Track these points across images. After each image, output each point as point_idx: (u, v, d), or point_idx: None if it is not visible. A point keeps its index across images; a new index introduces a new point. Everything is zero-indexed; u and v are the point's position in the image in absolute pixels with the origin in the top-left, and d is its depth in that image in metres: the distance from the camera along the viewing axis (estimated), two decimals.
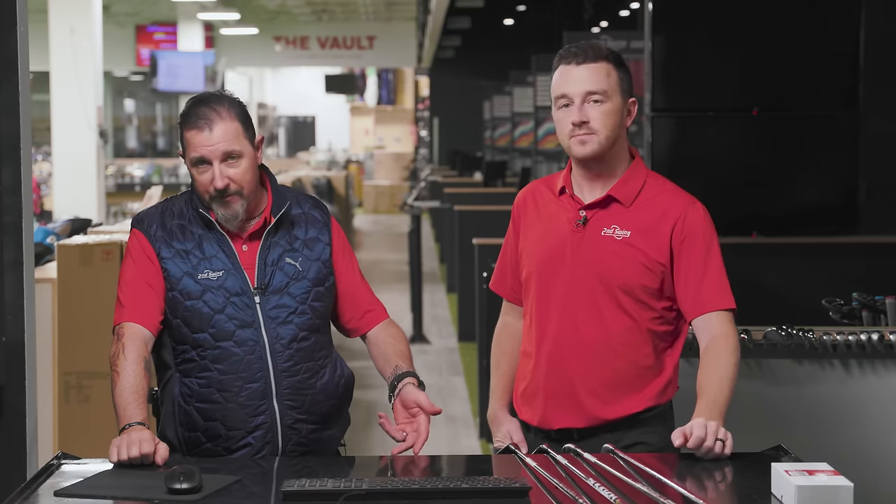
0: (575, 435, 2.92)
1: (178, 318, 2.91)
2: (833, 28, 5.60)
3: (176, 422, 2.91)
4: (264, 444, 2.89)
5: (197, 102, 2.94)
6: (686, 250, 2.90)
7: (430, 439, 2.87)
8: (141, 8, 19.58)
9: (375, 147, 28.01)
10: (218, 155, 2.88)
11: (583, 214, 2.94)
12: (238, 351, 2.88)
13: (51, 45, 10.39)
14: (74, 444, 4.16)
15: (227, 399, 2.88)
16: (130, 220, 3.33)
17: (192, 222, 2.96)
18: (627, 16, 14.32)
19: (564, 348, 2.93)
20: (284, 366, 2.90)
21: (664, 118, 5.58)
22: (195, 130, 2.89)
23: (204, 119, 2.89)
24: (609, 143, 2.90)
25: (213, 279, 2.90)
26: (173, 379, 2.94)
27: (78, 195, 10.30)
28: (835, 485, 2.30)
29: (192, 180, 2.95)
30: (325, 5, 20.14)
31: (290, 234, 2.99)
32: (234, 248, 2.94)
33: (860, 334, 3.82)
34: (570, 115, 2.89)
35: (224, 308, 2.89)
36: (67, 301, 4.69)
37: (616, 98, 2.89)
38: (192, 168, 2.92)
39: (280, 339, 2.90)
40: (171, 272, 2.91)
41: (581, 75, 2.89)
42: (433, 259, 15.34)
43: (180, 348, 2.92)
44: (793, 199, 5.66)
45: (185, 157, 2.93)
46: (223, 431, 2.88)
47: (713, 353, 2.83)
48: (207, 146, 2.88)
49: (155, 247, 2.94)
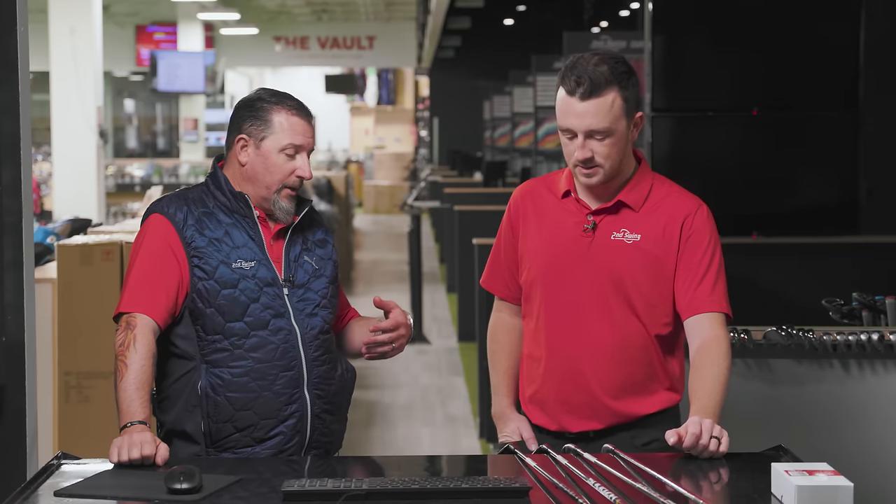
0: (591, 435, 2.93)
1: (212, 307, 2.89)
2: (833, 28, 5.60)
3: (204, 413, 2.89)
4: (295, 433, 2.91)
5: (284, 94, 2.99)
6: (689, 249, 2.90)
7: (430, 439, 2.87)
8: (141, 8, 19.57)
9: (375, 147, 28.02)
10: (311, 146, 2.96)
11: (591, 219, 2.93)
12: (274, 339, 2.90)
13: (51, 45, 10.38)
14: (74, 444, 4.17)
15: (263, 388, 2.89)
16: (136, 219, 3.33)
17: (217, 211, 2.96)
18: (627, 16, 14.32)
19: (577, 353, 2.92)
20: (314, 355, 2.94)
21: (664, 118, 5.57)
22: (299, 118, 2.94)
23: (306, 111, 2.97)
24: (614, 170, 2.89)
25: (247, 269, 2.92)
26: (197, 370, 2.90)
27: (78, 195, 10.29)
28: (835, 485, 2.30)
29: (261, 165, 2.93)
30: (325, 5, 20.14)
31: (304, 234, 3.03)
32: (265, 240, 2.96)
33: (860, 334, 3.82)
34: (573, 148, 2.86)
35: (259, 297, 2.91)
36: (67, 301, 4.69)
37: (621, 125, 2.85)
38: (275, 153, 2.93)
39: (310, 329, 2.95)
40: (207, 260, 2.90)
41: (584, 112, 2.83)
42: (433, 259, 15.35)
43: (211, 338, 2.90)
44: (793, 199, 5.66)
45: (266, 140, 2.93)
46: (256, 420, 2.89)
47: (706, 356, 2.82)
48: (307, 136, 2.96)
49: (185, 234, 2.91)
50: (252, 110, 2.96)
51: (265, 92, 3.00)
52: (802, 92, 5.61)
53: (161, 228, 2.93)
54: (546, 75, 11.91)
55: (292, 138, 2.93)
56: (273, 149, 2.93)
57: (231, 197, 2.96)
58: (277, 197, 2.94)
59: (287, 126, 2.93)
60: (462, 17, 16.63)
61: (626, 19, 14.43)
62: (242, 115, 2.98)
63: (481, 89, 20.83)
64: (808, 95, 5.62)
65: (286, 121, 2.93)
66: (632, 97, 2.87)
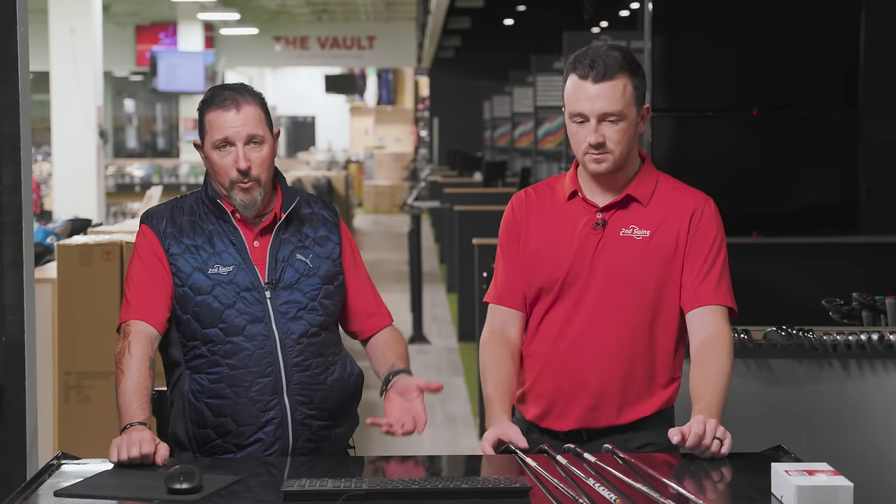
0: (584, 436, 2.91)
1: (188, 313, 2.91)
2: (833, 28, 5.60)
3: (186, 419, 2.91)
4: (275, 440, 2.89)
5: (221, 88, 2.96)
6: (696, 243, 2.89)
7: (430, 439, 2.87)
8: (141, 8, 19.57)
9: (375, 147, 28.01)
10: (243, 137, 2.90)
11: (600, 217, 2.93)
12: (248, 346, 2.89)
13: (51, 45, 10.39)
14: (74, 444, 4.17)
15: (238, 394, 2.88)
16: (136, 219, 3.35)
17: (203, 218, 2.97)
18: (627, 16, 14.32)
19: (582, 350, 2.90)
20: (295, 360, 2.90)
21: (664, 118, 5.57)
22: (220, 111, 2.91)
23: (231, 100, 2.92)
24: (623, 159, 2.89)
25: (224, 274, 2.91)
26: (183, 376, 2.94)
27: (78, 195, 10.31)
28: (835, 485, 2.30)
29: (210, 167, 2.95)
30: (325, 5, 20.14)
31: (301, 232, 3.01)
32: (246, 243, 2.95)
33: (860, 334, 3.82)
34: (585, 132, 2.86)
35: (234, 303, 2.90)
36: (67, 301, 4.69)
37: (631, 113, 2.86)
38: (213, 151, 2.92)
39: (290, 334, 2.91)
40: (181, 268, 2.91)
41: (597, 94, 2.83)
42: (433, 259, 15.34)
43: (190, 344, 2.92)
44: (793, 199, 5.66)
45: (205, 142, 2.94)
46: (234, 427, 2.88)
47: (709, 353, 2.82)
48: (234, 127, 2.90)
49: (164, 243, 2.94)
50: (198, 114, 2.98)
51: (208, 93, 2.99)
52: (802, 92, 5.61)
53: (147, 238, 2.97)
54: (546, 75, 11.89)
55: (220, 133, 2.91)
56: (210, 148, 2.93)
57: (210, 202, 2.98)
58: (233, 193, 2.93)
59: (214, 122, 2.92)
60: (462, 17, 16.62)
61: (626, 19, 14.43)
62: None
63: (481, 89, 20.83)
64: (808, 95, 5.61)
65: (215, 118, 2.92)
66: (640, 87, 2.89)
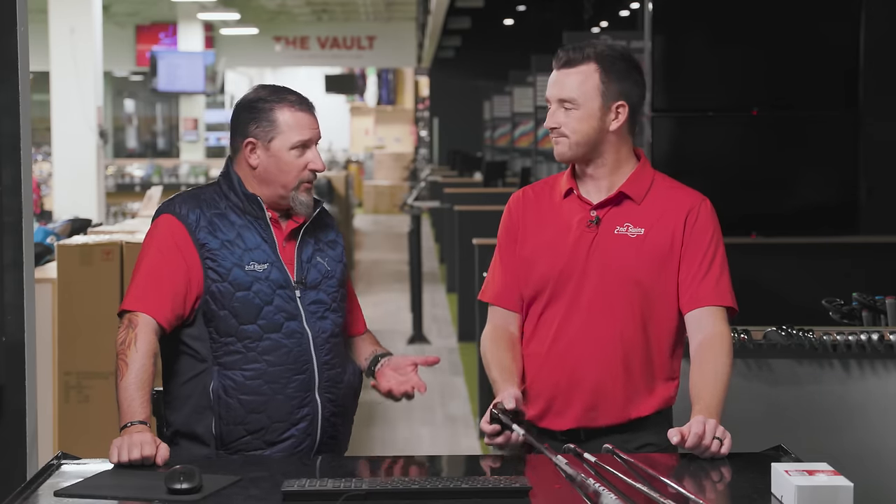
0: (582, 435, 2.91)
1: (226, 308, 2.89)
2: (833, 28, 5.60)
3: (216, 415, 2.88)
4: (306, 437, 2.91)
5: (284, 88, 2.97)
6: (693, 243, 2.89)
7: (430, 439, 2.88)
8: (141, 8, 19.57)
9: (375, 147, 28.01)
10: (318, 137, 2.97)
11: (594, 214, 2.93)
12: (287, 342, 2.90)
13: (51, 45, 10.38)
14: (74, 444, 4.17)
15: (275, 391, 2.89)
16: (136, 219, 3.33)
17: (229, 212, 2.94)
18: (627, 16, 14.32)
19: (579, 349, 2.90)
20: (325, 358, 2.94)
21: (664, 118, 5.57)
22: (303, 113, 2.93)
23: (307, 102, 2.96)
24: (582, 147, 2.90)
25: (260, 271, 2.91)
26: (208, 373, 2.90)
27: (78, 195, 10.30)
28: (835, 485, 2.30)
29: (274, 166, 2.91)
30: (325, 5, 20.13)
31: (316, 235, 3.02)
32: (277, 242, 2.95)
33: (860, 334, 3.82)
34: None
35: (272, 300, 2.90)
36: (67, 301, 4.69)
37: (590, 104, 2.88)
38: (288, 151, 2.91)
39: (322, 332, 2.94)
40: (221, 262, 2.89)
41: (556, 80, 2.93)
42: (433, 259, 15.34)
43: (224, 340, 2.90)
44: (792, 199, 5.66)
45: (274, 140, 2.91)
46: (267, 423, 2.88)
47: (709, 353, 2.81)
48: (314, 128, 2.95)
49: (197, 236, 2.90)
50: (254, 112, 2.93)
51: (264, 90, 2.97)
52: (802, 92, 5.61)
53: (171, 229, 2.91)
54: (546, 75, 11.81)
55: (300, 134, 2.92)
56: (283, 148, 2.92)
57: (244, 198, 2.95)
58: (296, 193, 2.93)
59: (293, 123, 2.92)
60: (462, 17, 16.62)
61: (626, 19, 14.44)
62: (245, 118, 2.95)
63: (481, 89, 20.82)
64: (809, 95, 5.61)
65: (291, 118, 2.92)
66: (614, 82, 2.89)
